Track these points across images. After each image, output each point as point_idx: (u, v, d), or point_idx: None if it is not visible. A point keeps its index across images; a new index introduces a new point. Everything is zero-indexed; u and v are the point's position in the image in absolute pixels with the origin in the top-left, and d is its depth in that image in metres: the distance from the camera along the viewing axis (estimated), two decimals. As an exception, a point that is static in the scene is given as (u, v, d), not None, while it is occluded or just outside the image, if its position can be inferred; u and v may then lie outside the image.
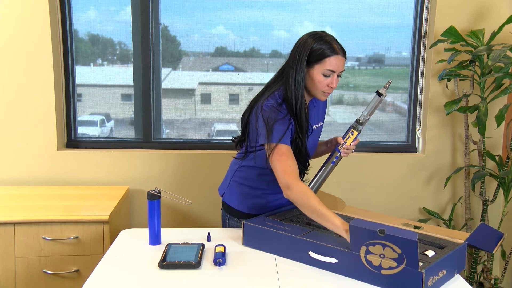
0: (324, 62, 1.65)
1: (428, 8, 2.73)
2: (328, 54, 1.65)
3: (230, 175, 1.93)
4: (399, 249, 1.32)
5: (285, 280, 1.44)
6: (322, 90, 1.70)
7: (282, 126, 1.65)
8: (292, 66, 1.69)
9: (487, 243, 1.57)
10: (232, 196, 1.90)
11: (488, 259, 2.61)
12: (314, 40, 1.67)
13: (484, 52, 2.33)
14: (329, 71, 1.66)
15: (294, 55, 1.69)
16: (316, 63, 1.66)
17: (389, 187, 2.82)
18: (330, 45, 1.66)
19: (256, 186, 1.86)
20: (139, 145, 2.84)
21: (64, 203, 2.38)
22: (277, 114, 1.65)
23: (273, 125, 1.64)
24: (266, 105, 1.68)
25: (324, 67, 1.66)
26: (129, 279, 1.44)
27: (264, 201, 1.87)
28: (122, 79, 2.84)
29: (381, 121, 2.94)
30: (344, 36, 2.81)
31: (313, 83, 1.69)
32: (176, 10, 2.76)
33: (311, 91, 1.73)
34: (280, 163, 1.63)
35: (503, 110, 2.38)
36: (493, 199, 2.57)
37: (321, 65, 1.66)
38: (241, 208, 1.88)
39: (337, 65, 1.66)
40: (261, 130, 1.67)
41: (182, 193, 2.74)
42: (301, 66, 1.67)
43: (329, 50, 1.65)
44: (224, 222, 1.96)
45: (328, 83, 1.68)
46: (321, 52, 1.65)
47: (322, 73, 1.66)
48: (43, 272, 2.20)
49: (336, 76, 1.69)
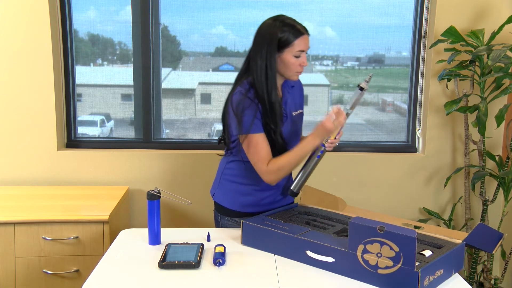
0: (294, 45, 1.73)
1: (428, 8, 2.73)
2: (296, 36, 1.73)
3: (219, 174, 1.95)
4: (397, 247, 1.32)
5: (285, 280, 1.44)
6: (296, 70, 1.78)
7: (250, 113, 1.72)
8: (261, 55, 1.74)
9: (486, 243, 1.57)
10: (223, 194, 1.92)
11: (488, 259, 2.61)
12: (278, 27, 1.73)
13: (484, 52, 2.33)
14: (299, 51, 1.74)
15: (261, 45, 1.75)
16: (286, 48, 1.73)
17: (389, 187, 2.82)
18: (294, 28, 1.73)
19: (246, 181, 1.87)
20: (139, 145, 2.84)
21: (64, 203, 2.38)
22: (245, 101, 1.73)
23: (242, 115, 1.72)
24: (235, 93, 1.77)
25: (294, 49, 1.73)
26: (129, 279, 1.45)
27: (255, 199, 1.89)
28: (122, 79, 2.84)
29: (381, 121, 2.94)
30: (344, 36, 2.81)
31: (286, 66, 1.76)
32: (176, 10, 2.76)
33: (284, 74, 1.80)
34: (252, 155, 1.75)
35: (503, 110, 2.38)
36: (493, 199, 2.57)
37: (291, 48, 1.73)
38: (232, 206, 1.89)
39: (305, 44, 1.75)
40: (232, 122, 1.76)
41: (182, 193, 2.74)
42: (272, 54, 1.73)
43: (295, 33, 1.73)
44: (216, 222, 1.98)
45: (300, 63, 1.76)
46: (288, 37, 1.72)
47: (294, 55, 1.74)
48: (43, 272, 2.21)
49: (305, 54, 1.77)
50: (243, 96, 1.74)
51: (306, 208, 1.91)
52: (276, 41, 1.72)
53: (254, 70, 1.75)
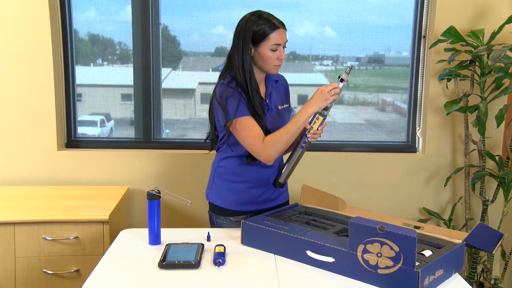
0: (269, 39, 1.76)
1: (428, 8, 2.73)
2: (271, 30, 1.75)
3: (212, 174, 1.97)
4: (397, 247, 1.32)
5: (285, 279, 1.44)
6: (274, 64, 1.80)
7: (234, 101, 1.75)
8: (238, 50, 1.78)
9: (486, 243, 1.57)
10: (216, 194, 1.93)
11: (488, 259, 2.61)
12: (253, 22, 1.76)
13: (484, 52, 2.33)
14: (275, 45, 1.77)
15: (237, 41, 1.79)
16: (262, 41, 1.76)
17: (389, 187, 2.82)
18: (270, 22, 1.76)
19: (239, 179, 1.88)
20: (139, 145, 2.84)
21: (64, 203, 2.38)
22: (227, 90, 1.76)
23: (226, 103, 1.75)
24: (217, 87, 1.81)
25: (270, 43, 1.76)
26: (129, 279, 1.45)
27: (249, 196, 1.89)
28: (122, 79, 2.84)
29: (381, 121, 2.94)
30: (344, 36, 2.81)
31: (263, 60, 1.79)
32: (176, 10, 2.76)
33: (263, 68, 1.82)
34: (245, 137, 1.76)
35: (503, 110, 2.38)
36: (493, 199, 2.57)
37: (266, 42, 1.76)
38: (226, 205, 1.90)
39: (281, 38, 1.78)
40: (218, 112, 1.79)
41: (182, 193, 2.74)
42: (247, 48, 1.77)
43: (270, 26, 1.75)
44: (211, 222, 1.98)
45: (277, 57, 1.79)
46: (263, 30, 1.75)
47: (270, 48, 1.77)
48: (43, 272, 2.21)
49: (282, 48, 1.80)
50: (225, 86, 1.78)
51: (306, 208, 1.91)
52: (250, 35, 1.76)
53: (234, 65, 1.79)
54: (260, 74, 1.86)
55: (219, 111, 1.79)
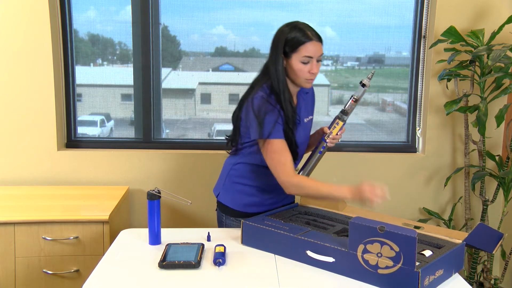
0: (300, 50, 1.68)
1: (428, 8, 2.73)
2: (302, 41, 1.68)
3: (224, 174, 1.94)
4: (397, 247, 1.32)
5: (285, 279, 1.44)
6: (305, 77, 1.73)
7: (272, 118, 1.68)
8: (272, 60, 1.73)
9: (486, 243, 1.57)
10: (228, 195, 1.91)
11: (488, 259, 2.60)
12: (288, 31, 1.70)
13: (484, 52, 2.33)
14: (306, 57, 1.69)
15: (273, 49, 1.74)
16: (293, 52, 1.70)
17: (389, 187, 2.78)
18: (303, 32, 1.69)
19: (251, 183, 1.87)
20: (139, 145, 2.84)
21: (64, 203, 2.38)
22: (267, 105, 1.69)
23: (264, 118, 1.68)
24: (256, 97, 1.72)
25: (301, 55, 1.69)
26: (129, 279, 1.45)
27: (259, 199, 1.88)
28: (122, 79, 2.84)
29: (381, 121, 2.94)
30: (344, 36, 2.81)
31: (294, 72, 1.72)
32: (176, 10, 2.76)
33: (295, 81, 1.76)
34: (274, 161, 1.69)
35: (503, 110, 2.38)
36: (493, 199, 2.57)
37: (297, 53, 1.69)
38: (237, 206, 1.89)
39: (314, 51, 1.69)
40: (252, 123, 1.71)
41: (182, 193, 2.74)
42: (279, 58, 1.71)
43: (302, 37, 1.68)
44: (220, 222, 1.97)
45: (308, 70, 1.71)
46: (296, 41, 1.68)
47: (301, 60, 1.69)
48: (43, 272, 2.21)
49: (315, 61, 1.72)
50: (264, 100, 1.70)
51: (306, 208, 1.91)
52: (282, 45, 1.70)
53: (271, 75, 1.73)
54: (294, 87, 1.80)
55: (253, 124, 1.71)
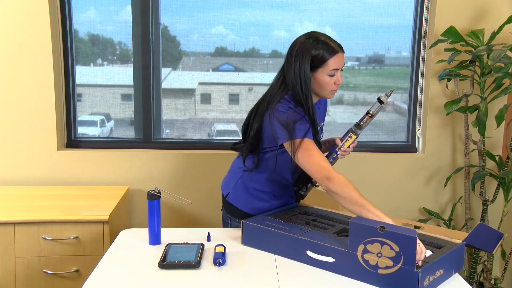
0: (327, 64, 1.67)
1: (428, 8, 2.73)
2: (330, 55, 1.66)
3: (237, 175, 1.89)
4: (397, 247, 1.32)
5: (285, 279, 1.44)
6: (330, 89, 1.73)
7: (303, 125, 1.64)
8: (294, 74, 1.68)
9: (486, 243, 1.57)
10: (238, 197, 1.88)
11: (488, 259, 2.61)
12: (312, 45, 1.66)
13: (484, 52, 2.33)
14: (333, 70, 1.68)
15: (294, 63, 1.68)
16: (319, 67, 1.67)
17: (389, 187, 2.82)
18: (328, 46, 1.67)
19: (264, 189, 1.85)
20: (139, 145, 2.84)
21: (64, 203, 2.38)
22: (296, 115, 1.65)
23: (295, 125, 1.63)
24: (282, 107, 1.67)
25: (329, 68, 1.67)
26: (129, 279, 1.45)
27: (269, 205, 1.87)
28: (122, 79, 2.84)
29: (381, 121, 2.94)
30: (344, 36, 2.81)
31: (320, 86, 1.71)
32: (176, 10, 2.76)
33: (319, 93, 1.75)
34: (312, 158, 1.61)
35: (503, 110, 2.38)
36: (493, 199, 2.57)
37: (324, 68, 1.67)
38: (246, 209, 1.87)
39: (340, 63, 1.69)
40: (281, 132, 1.65)
41: (182, 193, 2.74)
42: (305, 74, 1.67)
43: (329, 51, 1.66)
44: (225, 223, 1.95)
45: (334, 81, 1.70)
46: (322, 56, 1.66)
47: (328, 74, 1.68)
48: (43, 272, 2.21)
49: (340, 72, 1.71)
50: (291, 110, 1.66)
51: (306, 208, 1.91)
52: (309, 60, 1.66)
53: (292, 87, 1.69)
54: (314, 98, 1.78)
55: (283, 131, 1.64)
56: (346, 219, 1.78)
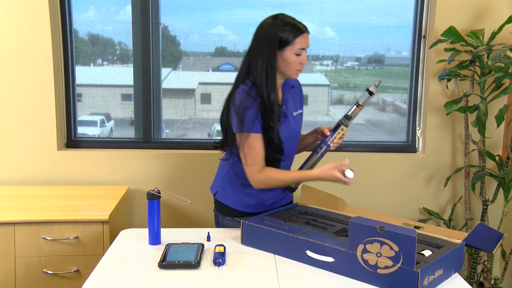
0: (295, 43, 1.74)
1: (428, 8, 2.73)
2: (297, 34, 1.73)
3: (222, 173, 1.93)
4: (397, 247, 1.32)
5: (285, 279, 1.44)
6: (296, 68, 1.78)
7: (252, 112, 1.72)
8: (262, 55, 1.74)
9: (486, 243, 1.57)
10: (226, 194, 1.91)
11: (488, 259, 2.60)
12: (279, 26, 1.73)
13: (484, 52, 2.33)
14: (300, 49, 1.75)
15: (261, 45, 1.76)
16: (287, 46, 1.73)
17: (389, 187, 2.82)
18: (296, 26, 1.74)
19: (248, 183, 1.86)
20: (139, 145, 2.84)
21: (64, 203, 2.38)
22: (247, 100, 1.72)
23: (244, 113, 1.72)
24: (237, 92, 1.76)
25: (296, 47, 1.74)
26: (129, 279, 1.45)
27: (258, 200, 1.88)
28: (122, 79, 2.84)
29: (381, 121, 2.94)
30: (344, 36, 2.81)
31: (287, 65, 1.76)
32: (176, 10, 2.76)
33: (285, 72, 1.79)
34: (246, 156, 1.75)
35: (503, 110, 2.38)
36: (493, 199, 2.57)
37: (292, 46, 1.74)
38: (235, 205, 1.89)
39: (306, 42, 1.77)
40: (233, 119, 1.76)
41: (182, 193, 2.74)
42: (273, 52, 1.73)
43: (296, 31, 1.74)
44: (217, 222, 1.97)
45: (300, 61, 1.77)
46: (290, 35, 1.73)
47: (295, 53, 1.74)
48: (43, 272, 2.21)
49: (305, 52, 1.78)
50: (246, 94, 1.73)
51: (306, 208, 1.91)
52: (277, 40, 1.72)
53: (254, 69, 1.75)
54: (279, 79, 1.83)
55: (234, 119, 1.75)
56: (346, 219, 1.78)
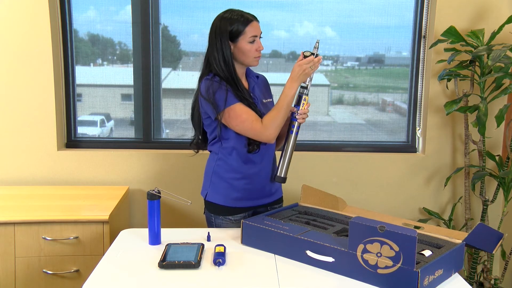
0: (246, 32, 1.83)
1: (428, 8, 2.73)
2: (245, 24, 1.83)
3: (209, 174, 1.97)
4: (397, 247, 1.32)
5: (285, 279, 1.44)
6: (253, 56, 1.86)
7: (221, 92, 1.79)
8: (216, 49, 1.84)
9: (486, 243, 1.57)
10: (216, 192, 1.92)
11: (488, 259, 2.61)
12: (227, 21, 1.83)
13: (484, 52, 2.33)
14: (252, 37, 1.84)
15: (215, 40, 1.85)
16: (239, 36, 1.83)
17: (389, 187, 2.82)
18: (243, 17, 1.84)
19: (238, 176, 1.89)
20: (139, 145, 2.84)
21: (64, 203, 2.38)
22: (213, 85, 1.81)
23: (214, 96, 1.78)
24: (202, 84, 1.84)
25: (247, 36, 1.83)
26: (129, 279, 1.45)
27: (248, 193, 1.91)
28: (122, 79, 2.84)
29: (381, 121, 2.94)
30: (344, 36, 2.81)
31: (243, 53, 1.85)
32: (176, 10, 2.76)
33: (244, 61, 1.88)
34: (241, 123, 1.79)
35: (503, 110, 2.38)
36: (493, 199, 2.57)
37: (244, 36, 1.83)
38: (225, 202, 1.90)
39: (256, 30, 1.85)
40: (207, 108, 1.82)
41: (182, 193, 2.74)
42: (226, 45, 1.83)
43: (244, 21, 1.83)
44: (209, 222, 1.97)
45: (256, 48, 1.85)
46: (239, 26, 1.82)
47: (248, 41, 1.83)
48: (43, 272, 2.21)
49: (259, 39, 1.87)
50: (210, 81, 1.81)
51: (306, 208, 1.91)
52: (227, 33, 1.82)
53: (214, 63, 1.84)
54: (240, 69, 1.91)
55: (208, 107, 1.82)
56: (346, 219, 1.78)
